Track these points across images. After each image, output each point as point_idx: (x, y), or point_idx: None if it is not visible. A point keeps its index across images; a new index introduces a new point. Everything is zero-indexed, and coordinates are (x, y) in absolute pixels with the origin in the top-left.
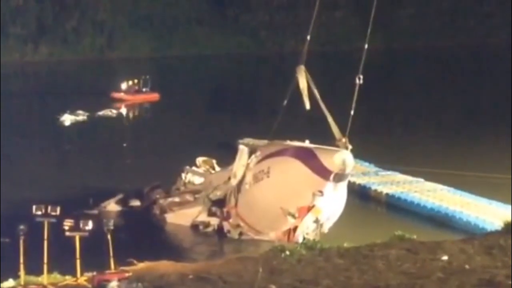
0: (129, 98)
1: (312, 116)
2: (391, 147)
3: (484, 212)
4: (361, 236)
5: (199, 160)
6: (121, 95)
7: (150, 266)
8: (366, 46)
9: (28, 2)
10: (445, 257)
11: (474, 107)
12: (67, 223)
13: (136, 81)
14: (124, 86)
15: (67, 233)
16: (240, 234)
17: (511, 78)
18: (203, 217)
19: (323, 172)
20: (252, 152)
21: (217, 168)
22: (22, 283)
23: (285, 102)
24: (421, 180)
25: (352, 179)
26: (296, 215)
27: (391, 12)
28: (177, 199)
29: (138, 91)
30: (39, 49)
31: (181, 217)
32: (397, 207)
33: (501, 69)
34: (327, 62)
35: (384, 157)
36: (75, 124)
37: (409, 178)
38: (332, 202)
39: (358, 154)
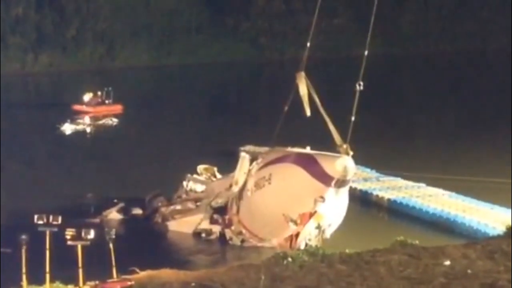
0: (90, 110)
1: (313, 122)
2: (392, 152)
3: (486, 217)
4: (363, 242)
5: (200, 167)
6: (83, 107)
7: (152, 274)
8: (366, 52)
9: (27, 12)
10: (447, 262)
11: (474, 112)
12: (69, 232)
13: (99, 93)
14: (86, 98)
15: (69, 242)
16: (242, 241)
17: (511, 83)
18: (205, 225)
19: (324, 178)
20: (253, 159)
21: (218, 176)
22: None
23: (286, 108)
24: (423, 185)
25: (354, 185)
26: (298, 221)
27: (390, 18)
28: (179, 207)
29: (100, 103)
30: (39, 59)
31: (183, 225)
32: (399, 213)
33: (501, 74)
34: (327, 69)
35: (386, 162)
36: (75, 133)
37: (410, 183)
38: (333, 208)
39: (359, 160)
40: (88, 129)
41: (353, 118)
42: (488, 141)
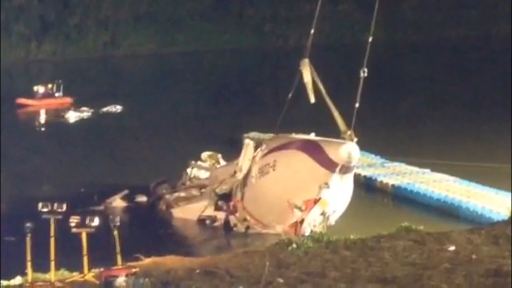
0: (35, 103)
1: (317, 109)
2: (396, 138)
3: (491, 202)
4: (368, 227)
5: (205, 154)
6: (27, 100)
7: (157, 261)
8: (370, 39)
9: (31, 0)
10: (452, 248)
11: (479, 98)
12: (74, 220)
13: (49, 85)
14: (35, 91)
15: (74, 230)
16: (247, 227)
17: None
18: (210, 212)
19: (329, 164)
20: (257, 145)
21: (223, 163)
22: (29, 280)
23: (290, 95)
24: (427, 171)
25: (358, 171)
26: (303, 207)
27: (394, 4)
28: (183, 194)
29: (47, 96)
30: (43, 47)
31: (187, 212)
32: (403, 198)
33: (505, 60)
34: (331, 55)
35: (390, 148)
36: (79, 121)
37: (415, 169)
38: (338, 194)
39: (363, 146)
40: (92, 117)
41: (357, 105)
42: (493, 126)
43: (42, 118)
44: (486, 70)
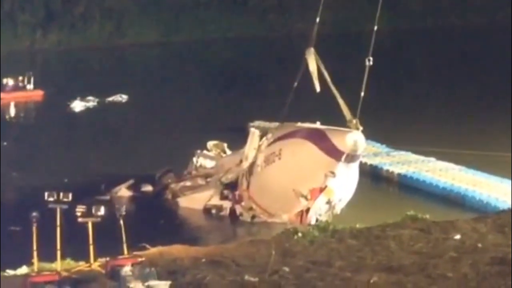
0: (4, 96)
1: (322, 98)
2: (402, 127)
3: (496, 191)
4: (374, 216)
5: (210, 144)
6: None
7: (163, 250)
8: (375, 27)
9: None
10: (457, 236)
11: (484, 86)
12: (80, 209)
13: (20, 77)
14: (4, 83)
15: (80, 219)
16: (253, 217)
17: None
18: (215, 201)
19: (334, 153)
20: (263, 134)
21: (228, 152)
22: (35, 269)
23: (295, 84)
24: (433, 159)
25: (364, 160)
26: (309, 196)
27: None
28: (189, 183)
29: (17, 89)
30: (48, 37)
31: (193, 201)
32: (409, 187)
33: (510, 48)
34: (337, 44)
35: (396, 137)
36: (85, 110)
37: (420, 157)
38: (344, 183)
39: (369, 135)
40: (98, 106)
41: (362, 93)
42: (499, 115)
43: (12, 111)
44: (492, 57)
